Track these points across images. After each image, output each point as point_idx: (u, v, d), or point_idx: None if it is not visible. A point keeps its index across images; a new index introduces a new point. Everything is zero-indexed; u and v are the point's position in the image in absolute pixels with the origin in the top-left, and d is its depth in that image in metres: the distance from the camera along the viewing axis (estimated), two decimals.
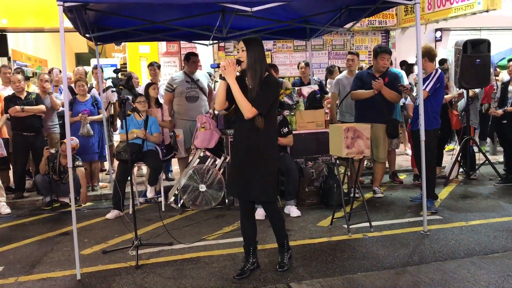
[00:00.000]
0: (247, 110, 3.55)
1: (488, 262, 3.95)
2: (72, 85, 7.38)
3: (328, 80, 8.49)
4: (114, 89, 4.49)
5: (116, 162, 6.19)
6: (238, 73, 3.68)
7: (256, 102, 3.56)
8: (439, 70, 5.49)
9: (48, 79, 6.98)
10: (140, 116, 5.56)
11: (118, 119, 7.41)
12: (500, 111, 6.64)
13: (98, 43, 6.82)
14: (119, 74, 4.41)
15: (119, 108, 4.37)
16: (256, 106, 3.55)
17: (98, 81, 7.36)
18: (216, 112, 6.52)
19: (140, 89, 7.52)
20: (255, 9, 4.50)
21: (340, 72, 7.94)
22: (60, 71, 8.00)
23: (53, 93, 6.89)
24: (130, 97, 6.63)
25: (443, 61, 8.68)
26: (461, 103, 7.12)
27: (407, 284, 3.58)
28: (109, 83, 7.65)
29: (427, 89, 5.32)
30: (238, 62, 3.63)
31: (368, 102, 5.86)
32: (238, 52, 3.71)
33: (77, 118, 6.76)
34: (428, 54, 5.46)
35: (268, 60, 10.93)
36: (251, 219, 3.93)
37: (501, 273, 3.70)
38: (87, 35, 6.15)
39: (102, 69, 7.68)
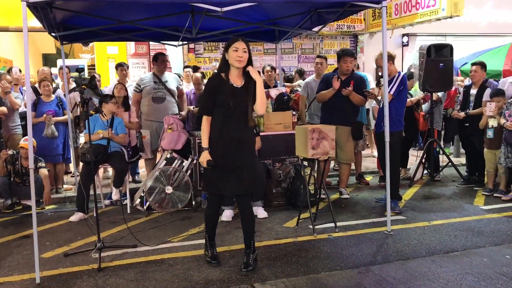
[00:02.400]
0: (265, 107, 3.93)
1: (448, 260, 4.05)
2: (36, 85, 7.20)
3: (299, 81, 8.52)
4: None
5: (81, 164, 6.07)
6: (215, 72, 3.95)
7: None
8: (402, 73, 5.62)
9: (9, 78, 6.78)
10: (104, 116, 5.46)
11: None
12: (462, 114, 6.82)
13: (64, 42, 6.70)
14: (82, 74, 4.30)
15: (81, 108, 4.28)
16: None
17: (64, 81, 7.21)
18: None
19: (107, 90, 7.42)
20: (225, 9, 4.49)
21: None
22: (20, 70, 7.80)
23: (11, 92, 6.67)
24: (94, 98, 6.57)
25: None
26: (425, 106, 7.28)
27: (370, 283, 3.63)
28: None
29: (391, 92, 5.42)
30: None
31: (333, 104, 5.93)
32: (236, 51, 3.74)
33: (41, 118, 6.59)
34: (391, 58, 5.57)
35: None
36: (217, 212, 4.19)
37: (460, 271, 3.80)
38: (52, 33, 6.01)
39: (69, 69, 7.52)
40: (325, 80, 6.19)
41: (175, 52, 10.96)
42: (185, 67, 8.78)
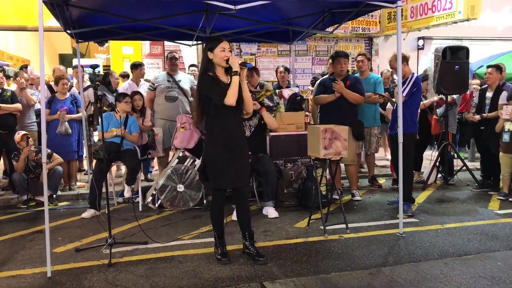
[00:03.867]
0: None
1: (461, 263, 3.98)
2: (51, 83, 7.28)
3: None
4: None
5: (94, 162, 6.12)
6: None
7: None
8: (415, 74, 5.57)
9: (26, 76, 6.87)
10: (117, 113, 5.50)
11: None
12: (477, 117, 6.74)
13: (80, 40, 6.76)
14: (96, 70, 4.34)
15: (95, 104, 4.32)
16: None
17: (78, 80, 7.28)
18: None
19: (121, 89, 7.48)
20: (238, 7, 4.50)
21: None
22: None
23: (26, 89, 6.77)
24: (109, 95, 6.63)
25: None
26: (440, 109, 7.20)
27: (381, 284, 3.59)
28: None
29: (404, 94, 5.37)
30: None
31: (332, 105, 5.94)
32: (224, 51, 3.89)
33: (55, 116, 6.67)
34: (406, 59, 5.53)
35: (253, 64, 10.94)
36: (222, 208, 4.25)
37: (472, 274, 3.73)
38: (68, 31, 6.08)
39: (83, 67, 7.60)
40: (322, 83, 6.25)
41: (189, 53, 11.02)
42: (190, 65, 8.79)
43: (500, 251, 4.30)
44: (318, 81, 6.94)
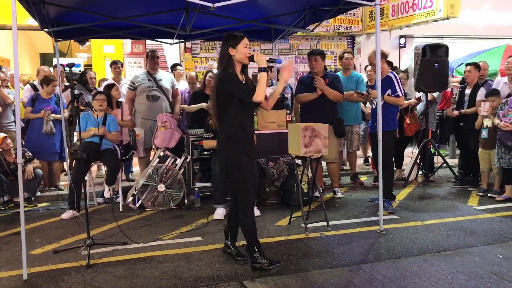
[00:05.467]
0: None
1: (440, 259, 4.02)
2: (35, 82, 7.15)
3: None
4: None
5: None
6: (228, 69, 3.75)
7: None
8: (394, 72, 5.63)
9: (1, 76, 6.74)
10: (94, 112, 5.42)
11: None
12: (456, 112, 6.82)
13: (59, 39, 6.65)
14: (73, 69, 4.26)
15: (72, 103, 4.25)
16: None
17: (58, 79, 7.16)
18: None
19: (102, 87, 7.41)
20: (217, 4, 4.45)
21: None
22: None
23: (2, 88, 6.63)
24: (88, 95, 6.54)
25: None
26: (420, 107, 7.26)
27: (360, 281, 3.60)
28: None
29: (401, 94, 5.48)
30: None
31: (312, 103, 5.96)
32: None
33: (39, 114, 6.54)
34: (384, 56, 5.57)
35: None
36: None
37: (451, 270, 3.77)
38: (45, 29, 5.99)
39: (63, 67, 7.47)
40: (302, 81, 6.29)
41: (172, 52, 10.95)
42: (175, 64, 8.74)
43: (478, 247, 4.35)
44: (297, 80, 6.97)
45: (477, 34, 13.01)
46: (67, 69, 4.17)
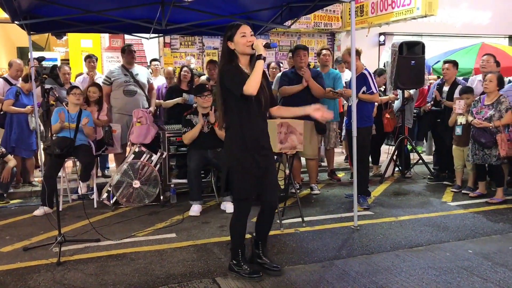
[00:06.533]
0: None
1: (412, 254, 4.06)
2: (6, 75, 6.98)
3: None
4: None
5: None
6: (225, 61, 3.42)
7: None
8: (368, 69, 5.66)
9: None
10: (66, 106, 5.32)
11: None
12: (428, 105, 6.95)
13: (32, 32, 6.51)
14: (43, 63, 4.17)
15: (43, 98, 4.16)
16: None
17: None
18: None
19: (77, 82, 7.31)
20: None
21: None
22: None
23: None
24: (62, 90, 6.43)
25: None
26: (397, 104, 7.32)
27: (333, 277, 3.61)
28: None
29: (376, 91, 5.49)
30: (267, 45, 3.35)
31: (296, 99, 5.92)
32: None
33: (26, 110, 6.40)
34: (358, 53, 5.58)
35: (216, 59, 10.85)
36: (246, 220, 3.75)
37: (422, 265, 3.81)
38: (16, 22, 5.85)
39: (38, 61, 7.31)
40: (285, 74, 6.27)
41: (151, 47, 10.84)
42: (152, 60, 8.65)
43: (449, 242, 4.40)
44: (279, 74, 6.93)
45: (455, 33, 13.20)
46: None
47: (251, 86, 3.19)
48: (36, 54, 6.74)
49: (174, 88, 6.61)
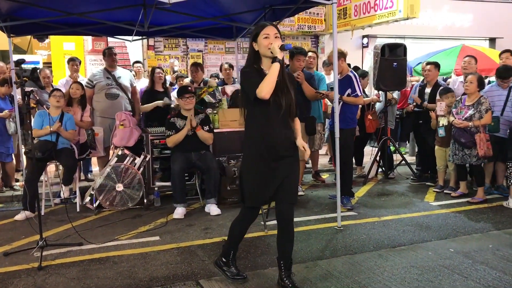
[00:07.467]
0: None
1: (394, 254, 4.09)
2: None
3: None
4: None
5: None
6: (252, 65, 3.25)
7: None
8: (354, 72, 5.71)
9: None
10: (47, 109, 5.26)
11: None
12: (411, 106, 7.01)
13: (12, 35, 6.43)
14: (23, 65, 4.12)
15: (23, 101, 4.11)
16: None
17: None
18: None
19: (60, 84, 7.25)
20: (173, 1, 4.40)
21: None
22: None
23: None
24: (44, 93, 6.36)
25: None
26: (379, 105, 7.39)
27: (316, 277, 3.62)
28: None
29: (361, 94, 5.55)
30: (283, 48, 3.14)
31: None
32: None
33: (3, 114, 6.30)
34: (343, 55, 5.62)
35: (200, 61, 10.85)
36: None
37: (405, 264, 3.84)
38: None
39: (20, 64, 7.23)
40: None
41: (135, 49, 10.79)
42: (135, 62, 8.60)
43: (432, 241, 4.45)
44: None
45: (437, 35, 13.39)
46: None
47: (264, 90, 3.04)
48: (18, 57, 6.67)
49: (148, 91, 6.58)
